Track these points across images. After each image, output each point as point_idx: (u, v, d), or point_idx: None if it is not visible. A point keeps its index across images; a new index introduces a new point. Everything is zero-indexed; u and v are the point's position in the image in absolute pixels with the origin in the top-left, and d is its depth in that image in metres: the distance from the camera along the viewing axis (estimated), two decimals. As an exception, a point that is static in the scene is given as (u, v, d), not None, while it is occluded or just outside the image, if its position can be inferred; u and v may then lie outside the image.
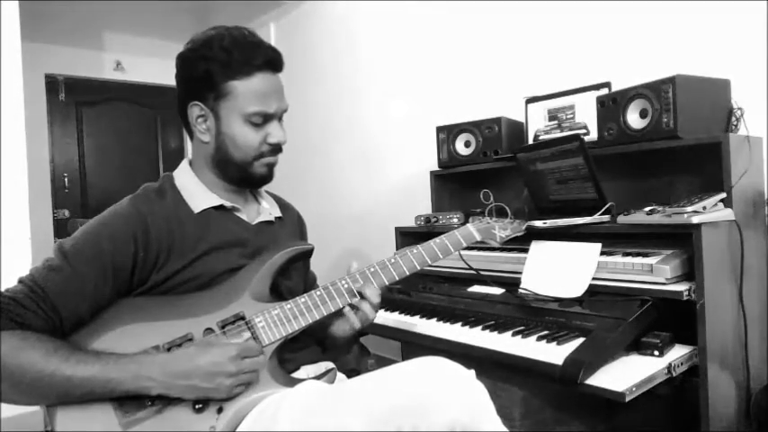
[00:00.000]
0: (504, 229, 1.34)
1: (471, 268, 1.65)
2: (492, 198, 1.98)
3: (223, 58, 1.02)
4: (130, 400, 0.91)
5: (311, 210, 1.54)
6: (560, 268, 1.51)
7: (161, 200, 1.06)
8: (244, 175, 1.10)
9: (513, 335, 1.41)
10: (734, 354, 1.37)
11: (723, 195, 1.36)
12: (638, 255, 1.41)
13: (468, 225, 1.28)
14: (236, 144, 1.06)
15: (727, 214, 1.35)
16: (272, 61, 1.07)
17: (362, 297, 1.08)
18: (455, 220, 1.94)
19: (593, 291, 1.43)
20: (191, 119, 1.08)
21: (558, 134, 1.92)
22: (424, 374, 0.84)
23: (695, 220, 1.27)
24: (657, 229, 1.37)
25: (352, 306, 1.09)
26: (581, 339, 1.30)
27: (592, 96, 1.78)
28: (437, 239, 1.20)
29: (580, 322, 1.37)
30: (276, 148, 1.10)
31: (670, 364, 1.22)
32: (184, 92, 1.08)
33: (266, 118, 1.07)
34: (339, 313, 1.10)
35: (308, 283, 1.28)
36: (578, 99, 1.87)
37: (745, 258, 1.38)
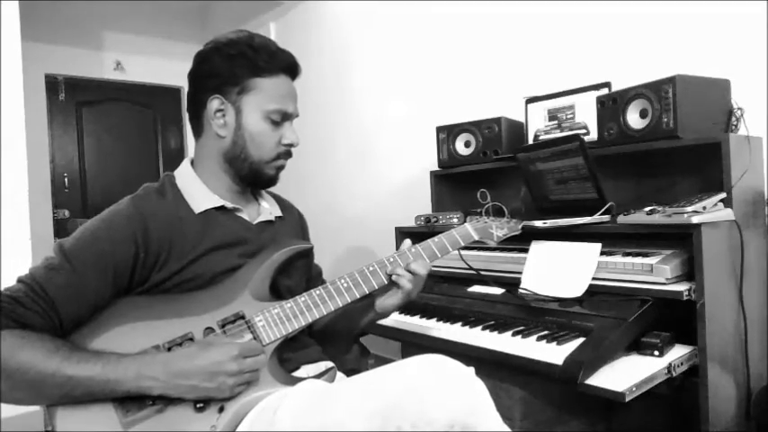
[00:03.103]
0: (500, 229, 1.34)
1: (471, 268, 1.65)
2: (489, 197, 1.98)
3: (251, 56, 1.06)
4: (131, 400, 0.90)
5: (311, 210, 1.54)
6: (560, 268, 1.51)
7: (161, 200, 1.06)
8: (255, 175, 1.11)
9: (513, 335, 1.41)
10: (734, 354, 1.37)
11: (723, 195, 1.36)
12: (638, 255, 1.41)
13: (465, 224, 1.28)
14: (254, 140, 1.08)
15: (727, 214, 1.35)
16: (293, 67, 1.12)
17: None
18: (455, 220, 1.94)
19: (593, 291, 1.43)
20: (208, 113, 1.08)
21: (558, 134, 1.92)
22: (423, 372, 0.84)
23: (695, 220, 1.27)
24: (657, 229, 1.37)
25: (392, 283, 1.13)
26: (581, 339, 1.30)
27: (592, 96, 1.78)
28: (435, 239, 1.20)
29: (580, 322, 1.37)
30: (289, 151, 1.13)
31: (670, 364, 1.22)
32: (204, 87, 1.08)
33: (284, 117, 1.10)
34: (383, 290, 1.14)
35: (313, 278, 1.29)
36: (578, 99, 1.87)
37: (745, 258, 1.38)
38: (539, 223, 1.54)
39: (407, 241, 1.18)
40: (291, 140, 1.11)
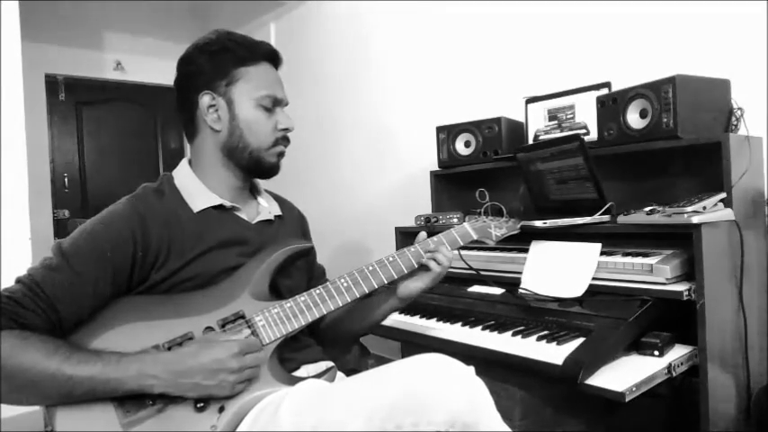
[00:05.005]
0: (499, 228, 1.34)
1: (471, 268, 1.65)
2: (488, 197, 1.99)
3: (233, 48, 1.09)
4: (131, 400, 0.90)
5: (311, 209, 1.54)
6: (560, 268, 1.51)
7: (160, 199, 1.06)
8: (256, 163, 1.12)
9: (513, 335, 1.41)
10: (734, 354, 1.37)
11: (723, 195, 1.36)
12: (638, 255, 1.41)
13: (464, 224, 1.28)
14: (251, 128, 1.09)
15: (727, 214, 1.35)
16: (273, 55, 1.15)
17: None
18: (455, 220, 1.94)
19: (593, 291, 1.43)
20: (201, 110, 1.09)
21: (558, 134, 1.92)
22: (423, 371, 0.84)
23: (695, 220, 1.27)
24: (657, 229, 1.37)
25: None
26: (581, 339, 1.30)
27: (592, 96, 1.78)
28: (434, 238, 1.20)
29: (580, 322, 1.37)
30: (286, 137, 1.15)
31: (670, 364, 1.22)
32: (193, 87, 1.09)
33: (275, 103, 1.12)
34: (410, 275, 1.16)
35: (315, 277, 1.29)
36: (578, 99, 1.87)
37: (745, 258, 1.38)
38: (539, 223, 1.54)
39: (422, 233, 1.20)
40: (286, 125, 1.13)
